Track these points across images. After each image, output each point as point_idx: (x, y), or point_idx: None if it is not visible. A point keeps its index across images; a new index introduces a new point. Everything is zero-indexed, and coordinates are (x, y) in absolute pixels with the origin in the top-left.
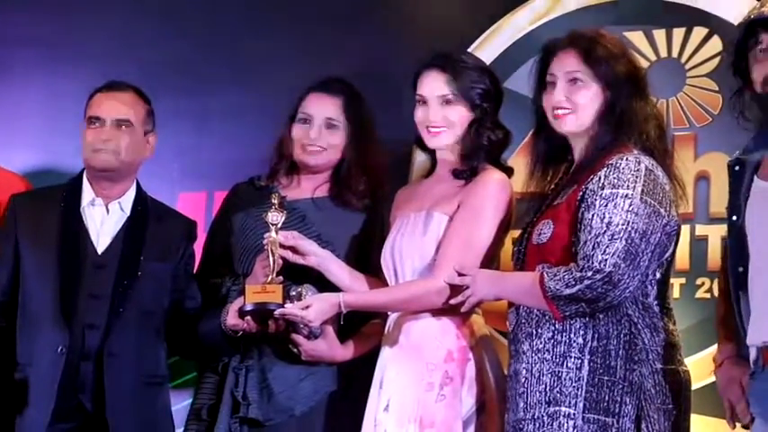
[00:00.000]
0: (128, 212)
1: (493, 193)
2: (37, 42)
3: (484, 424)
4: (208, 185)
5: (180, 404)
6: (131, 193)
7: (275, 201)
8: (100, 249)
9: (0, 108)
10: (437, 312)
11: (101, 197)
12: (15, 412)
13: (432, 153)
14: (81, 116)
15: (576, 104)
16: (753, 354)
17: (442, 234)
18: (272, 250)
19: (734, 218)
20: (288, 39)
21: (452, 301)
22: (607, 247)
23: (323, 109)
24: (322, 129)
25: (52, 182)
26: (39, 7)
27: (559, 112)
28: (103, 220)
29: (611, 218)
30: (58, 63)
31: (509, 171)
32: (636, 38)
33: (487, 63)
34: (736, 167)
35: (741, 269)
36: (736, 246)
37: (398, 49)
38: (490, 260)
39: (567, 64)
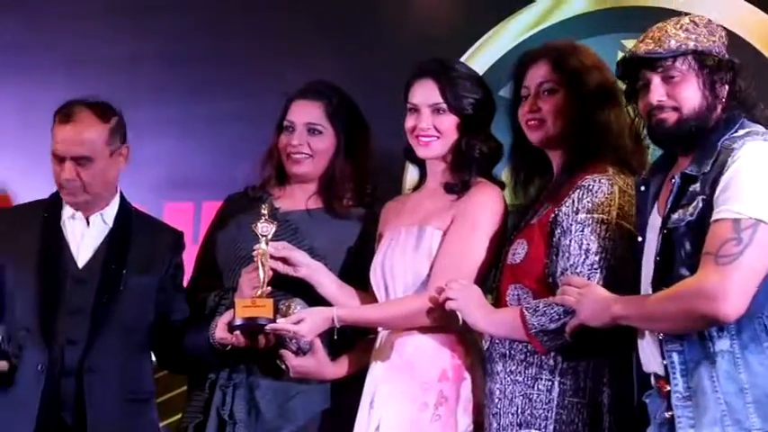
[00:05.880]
0: (110, 224)
1: (487, 207)
2: (8, 48)
3: None
4: (195, 196)
5: (171, 419)
6: (114, 205)
7: (265, 211)
8: (80, 263)
9: None
10: (431, 329)
11: (81, 210)
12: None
13: (421, 165)
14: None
15: (547, 113)
16: None
17: (436, 250)
18: (261, 262)
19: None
20: (277, 44)
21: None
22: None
23: (304, 115)
24: (304, 135)
25: (28, 191)
26: (10, 12)
27: (531, 122)
28: (84, 234)
29: (588, 245)
30: (31, 69)
31: (501, 185)
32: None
33: (484, 70)
34: (642, 188)
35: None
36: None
37: (391, 56)
38: (485, 275)
39: (538, 75)
